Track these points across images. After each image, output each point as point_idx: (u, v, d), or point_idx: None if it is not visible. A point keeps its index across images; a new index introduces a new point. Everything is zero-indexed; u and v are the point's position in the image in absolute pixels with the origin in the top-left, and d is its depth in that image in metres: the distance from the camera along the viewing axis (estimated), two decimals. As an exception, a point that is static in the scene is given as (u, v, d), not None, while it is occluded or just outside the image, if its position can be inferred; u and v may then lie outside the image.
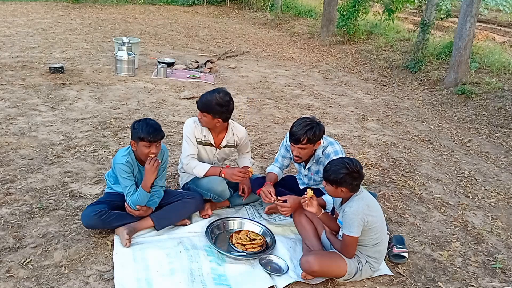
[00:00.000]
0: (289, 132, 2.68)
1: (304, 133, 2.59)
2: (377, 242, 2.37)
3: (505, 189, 3.91)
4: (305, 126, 2.61)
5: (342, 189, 2.30)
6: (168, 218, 2.72)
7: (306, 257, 2.35)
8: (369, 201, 2.36)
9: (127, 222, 2.60)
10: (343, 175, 2.26)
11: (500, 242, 3.07)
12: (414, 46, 8.07)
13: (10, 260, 2.34)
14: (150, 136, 2.50)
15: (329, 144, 2.79)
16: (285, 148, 3.01)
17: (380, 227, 2.36)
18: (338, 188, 2.31)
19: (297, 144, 2.65)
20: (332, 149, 2.76)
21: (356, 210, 2.27)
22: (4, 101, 4.67)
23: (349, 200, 2.36)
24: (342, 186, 2.29)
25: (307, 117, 2.71)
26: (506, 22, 13.00)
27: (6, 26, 8.64)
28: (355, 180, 2.29)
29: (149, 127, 2.52)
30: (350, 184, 2.29)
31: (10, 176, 3.19)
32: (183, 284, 2.25)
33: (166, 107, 5.05)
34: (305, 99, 6.01)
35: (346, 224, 2.29)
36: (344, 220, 2.31)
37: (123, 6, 13.11)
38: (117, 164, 2.59)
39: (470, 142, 5.03)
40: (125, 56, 6.02)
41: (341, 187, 2.30)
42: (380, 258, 2.44)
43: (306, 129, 2.60)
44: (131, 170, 2.61)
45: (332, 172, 2.29)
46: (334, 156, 2.70)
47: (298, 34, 10.93)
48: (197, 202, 2.85)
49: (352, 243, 2.31)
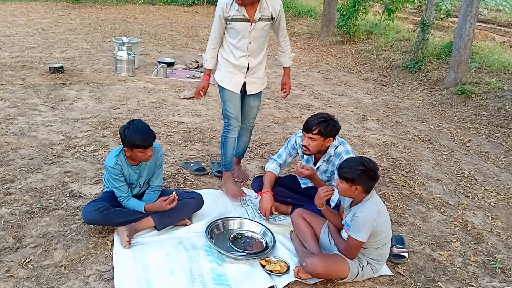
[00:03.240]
0: (305, 121, 2.72)
1: (317, 124, 2.63)
2: (381, 246, 2.37)
3: (505, 189, 3.91)
4: (320, 118, 2.66)
5: (357, 187, 2.24)
6: (169, 217, 2.72)
7: (311, 259, 2.35)
8: (380, 207, 2.34)
9: (128, 219, 2.61)
10: (360, 172, 2.21)
11: (500, 242, 3.07)
12: (414, 46, 8.06)
13: (10, 260, 2.34)
14: (145, 142, 2.47)
15: (340, 143, 2.78)
16: (293, 146, 2.97)
17: (386, 231, 2.36)
18: (352, 186, 2.24)
19: (308, 132, 2.66)
20: (343, 148, 2.75)
21: (367, 216, 2.24)
22: (4, 101, 4.67)
23: (360, 203, 2.33)
24: (357, 184, 2.23)
25: (326, 113, 2.76)
26: (506, 22, 13.00)
27: (6, 26, 8.64)
28: (371, 180, 2.25)
29: (140, 132, 2.47)
30: (365, 183, 2.24)
31: (10, 176, 3.19)
32: (183, 284, 2.25)
33: (166, 107, 5.05)
34: (305, 99, 6.01)
35: (355, 228, 2.27)
36: (353, 224, 2.28)
37: (123, 6, 13.11)
38: (107, 166, 2.60)
39: (470, 142, 5.03)
40: (125, 56, 6.02)
41: (356, 184, 2.23)
42: (382, 260, 2.44)
43: (320, 120, 2.64)
44: (120, 172, 2.61)
45: (349, 168, 2.24)
46: (345, 155, 2.69)
47: (298, 34, 10.93)
48: (197, 202, 2.85)
49: (358, 247, 2.30)
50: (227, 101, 3.14)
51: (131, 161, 2.65)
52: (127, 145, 2.51)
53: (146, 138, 2.48)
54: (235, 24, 2.91)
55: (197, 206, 2.85)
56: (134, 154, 2.54)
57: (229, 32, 3.00)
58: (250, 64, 3.06)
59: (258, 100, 3.31)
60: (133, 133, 2.46)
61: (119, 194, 2.65)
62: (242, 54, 3.02)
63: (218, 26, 2.98)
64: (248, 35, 2.95)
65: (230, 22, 2.92)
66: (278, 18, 3.01)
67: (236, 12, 2.88)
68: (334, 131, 2.68)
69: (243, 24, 2.91)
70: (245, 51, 3.00)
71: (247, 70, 3.09)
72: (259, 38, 3.01)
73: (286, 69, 3.33)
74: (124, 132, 2.50)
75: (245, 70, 3.09)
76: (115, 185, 2.62)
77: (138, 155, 2.53)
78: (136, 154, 2.53)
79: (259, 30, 2.97)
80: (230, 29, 2.97)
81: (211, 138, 4.32)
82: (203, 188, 3.33)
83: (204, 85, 3.20)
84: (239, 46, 2.99)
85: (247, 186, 3.45)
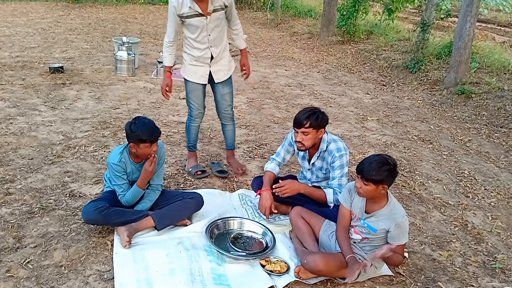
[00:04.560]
0: (294, 119, 2.76)
1: (307, 117, 2.68)
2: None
3: (505, 189, 3.91)
4: (308, 112, 2.71)
5: (384, 186, 2.23)
6: (169, 217, 2.72)
7: (312, 256, 2.35)
8: None
9: (127, 219, 2.61)
10: (387, 172, 2.18)
11: (500, 242, 3.07)
12: (414, 46, 8.06)
13: (10, 260, 2.34)
14: (152, 136, 2.52)
15: (332, 141, 2.80)
16: (289, 143, 3.01)
17: None
18: (379, 186, 2.22)
19: (299, 128, 2.69)
20: (335, 146, 2.77)
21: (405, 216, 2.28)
22: (4, 101, 4.67)
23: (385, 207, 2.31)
24: (384, 183, 2.21)
25: (312, 106, 2.81)
26: (506, 22, 12.99)
27: (6, 26, 8.64)
28: (394, 177, 2.26)
29: (147, 127, 2.52)
30: (391, 181, 2.25)
31: (10, 176, 3.19)
32: (183, 284, 2.25)
33: (166, 107, 5.05)
34: (305, 99, 6.01)
35: (402, 232, 2.26)
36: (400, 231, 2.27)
37: (123, 6, 13.11)
38: (110, 163, 2.61)
39: (470, 142, 5.03)
40: (125, 56, 6.02)
41: (383, 184, 2.22)
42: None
43: (309, 113, 2.69)
44: (123, 169, 2.63)
45: (375, 170, 2.18)
46: (336, 153, 2.72)
47: (298, 34, 10.93)
48: (197, 202, 2.85)
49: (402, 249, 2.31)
50: (190, 93, 3.31)
51: (134, 158, 2.66)
52: (133, 140, 2.53)
53: (153, 133, 2.52)
54: (191, 21, 2.99)
55: (197, 206, 2.85)
56: (139, 150, 2.55)
57: (188, 28, 3.08)
58: (213, 54, 3.17)
59: (229, 86, 3.38)
60: (140, 127, 2.49)
61: (119, 191, 2.65)
62: (204, 46, 3.12)
63: (173, 24, 3.06)
64: (206, 28, 3.04)
65: (185, 19, 2.98)
66: (230, 5, 3.10)
67: (188, 9, 2.94)
68: (324, 122, 2.74)
69: (199, 19, 2.99)
70: (206, 43, 3.11)
71: (211, 60, 3.19)
72: (217, 28, 3.10)
73: (243, 50, 3.43)
74: (130, 127, 2.52)
75: (209, 61, 3.19)
76: (116, 182, 2.63)
77: (144, 150, 2.55)
78: (142, 149, 2.54)
79: (215, 21, 3.06)
80: (188, 26, 3.04)
81: (211, 138, 4.32)
82: (203, 188, 3.33)
83: (167, 82, 3.27)
84: (200, 39, 3.08)
85: (247, 186, 3.45)
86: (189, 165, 3.55)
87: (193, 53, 3.16)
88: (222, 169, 3.60)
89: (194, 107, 3.35)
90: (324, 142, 2.80)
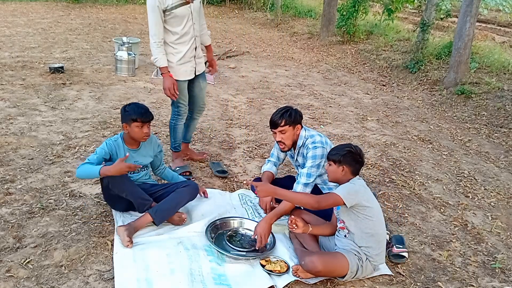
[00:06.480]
0: (269, 121, 2.86)
1: (281, 116, 2.78)
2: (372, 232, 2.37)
3: (505, 189, 3.91)
4: (281, 111, 2.82)
5: (344, 167, 2.41)
6: (165, 210, 2.72)
7: (310, 257, 2.35)
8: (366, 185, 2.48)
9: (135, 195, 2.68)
10: (346, 152, 2.42)
11: (500, 242, 3.08)
12: (413, 46, 8.07)
13: (10, 260, 2.34)
14: (143, 116, 2.66)
15: (309, 136, 2.85)
16: None
17: (375, 211, 2.40)
18: (340, 166, 2.42)
19: (276, 128, 2.79)
20: (311, 140, 2.83)
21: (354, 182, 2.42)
22: (4, 101, 4.68)
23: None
24: (343, 164, 2.41)
25: (284, 105, 2.91)
26: (505, 22, 12.99)
27: (6, 26, 8.65)
28: (356, 162, 2.44)
29: (140, 108, 2.69)
30: (352, 165, 2.42)
31: (10, 176, 3.20)
32: (183, 284, 2.25)
33: (166, 107, 5.05)
34: (305, 99, 6.01)
35: (340, 187, 2.39)
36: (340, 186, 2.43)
37: (123, 6, 13.12)
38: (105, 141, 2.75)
39: (470, 142, 5.03)
40: (125, 56, 6.02)
41: (343, 165, 2.41)
42: (378, 249, 2.42)
43: (282, 112, 2.80)
44: (109, 150, 2.72)
45: (336, 150, 2.47)
46: (310, 145, 2.79)
47: (298, 34, 10.93)
48: (191, 190, 2.86)
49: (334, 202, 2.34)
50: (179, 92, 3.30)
51: (130, 142, 2.78)
52: (125, 119, 2.68)
53: (144, 113, 2.67)
54: (176, 11, 3.02)
55: (191, 193, 2.86)
56: (131, 130, 2.68)
57: (172, 23, 3.08)
58: (197, 44, 3.26)
59: (204, 78, 3.46)
60: (133, 108, 2.68)
61: (88, 158, 2.69)
62: (191, 37, 3.17)
63: (159, 21, 3.05)
64: (191, 16, 3.10)
65: (170, 11, 3.01)
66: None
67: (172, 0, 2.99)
68: (298, 117, 2.82)
69: (184, 8, 3.05)
70: (192, 33, 3.17)
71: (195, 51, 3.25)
72: (197, 17, 3.21)
73: (208, 47, 3.53)
74: (124, 108, 2.71)
75: (194, 53, 3.25)
76: (95, 153, 2.70)
77: (135, 130, 2.67)
78: (134, 129, 2.67)
79: (197, 9, 3.18)
80: (172, 19, 3.06)
81: (211, 138, 4.33)
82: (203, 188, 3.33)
83: (172, 81, 3.19)
84: (186, 31, 3.13)
85: (247, 186, 3.45)
86: (175, 165, 3.53)
87: (180, 49, 3.17)
88: (222, 169, 3.61)
89: (183, 105, 3.38)
90: (302, 138, 2.86)
